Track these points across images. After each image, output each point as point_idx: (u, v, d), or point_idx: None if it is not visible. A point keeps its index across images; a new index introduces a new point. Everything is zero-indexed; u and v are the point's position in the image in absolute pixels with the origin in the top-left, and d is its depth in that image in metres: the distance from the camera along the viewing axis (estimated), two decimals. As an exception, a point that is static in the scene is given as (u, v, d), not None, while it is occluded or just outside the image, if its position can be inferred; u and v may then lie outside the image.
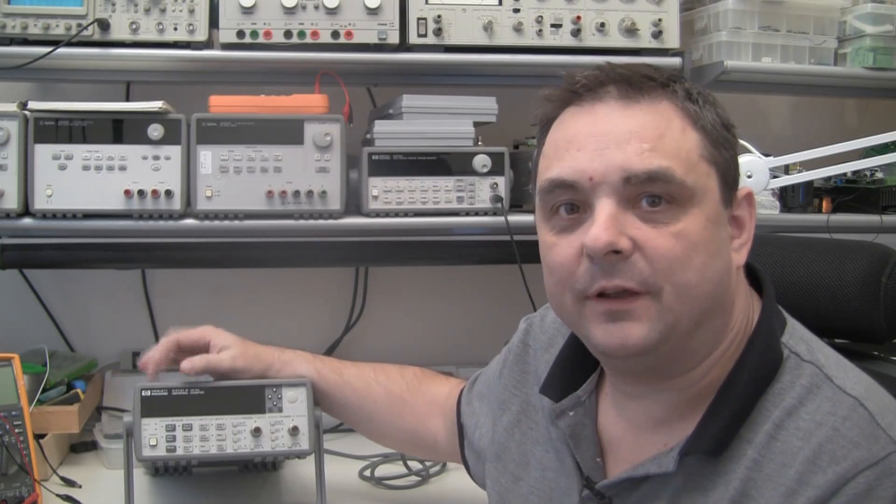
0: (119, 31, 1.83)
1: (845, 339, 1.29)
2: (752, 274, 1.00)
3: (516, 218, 1.93)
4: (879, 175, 2.14)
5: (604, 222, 0.87)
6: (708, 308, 0.90)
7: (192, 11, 1.85)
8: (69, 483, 1.72)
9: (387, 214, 1.93)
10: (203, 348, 1.52)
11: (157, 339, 2.21)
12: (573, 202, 0.91)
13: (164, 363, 1.49)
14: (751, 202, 0.96)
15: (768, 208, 2.05)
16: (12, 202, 1.77)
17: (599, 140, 0.89)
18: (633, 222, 0.88)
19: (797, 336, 0.95)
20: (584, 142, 0.90)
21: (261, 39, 1.86)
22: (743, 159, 1.71)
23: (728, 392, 0.91)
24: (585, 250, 0.88)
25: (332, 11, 1.88)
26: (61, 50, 1.80)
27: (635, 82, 0.92)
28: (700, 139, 0.91)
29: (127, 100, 2.12)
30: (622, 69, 0.93)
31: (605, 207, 0.87)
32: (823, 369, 0.91)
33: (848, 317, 1.22)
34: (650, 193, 0.87)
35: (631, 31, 1.97)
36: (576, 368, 1.05)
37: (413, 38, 1.92)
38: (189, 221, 1.85)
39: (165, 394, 1.54)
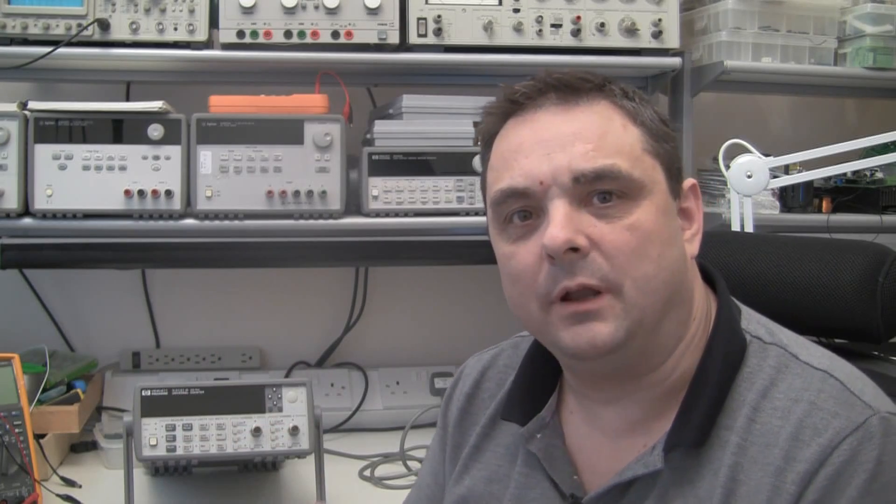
0: (119, 31, 1.83)
1: (843, 338, 1.29)
2: (703, 271, 1.01)
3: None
4: (879, 175, 2.15)
5: (560, 221, 0.88)
6: (669, 298, 0.91)
7: (192, 11, 1.85)
8: (69, 483, 1.72)
9: (387, 214, 1.93)
10: None
11: (157, 339, 2.24)
12: (526, 209, 0.92)
13: None
14: (696, 193, 0.99)
15: (768, 208, 2.05)
16: (12, 202, 1.77)
17: (545, 145, 0.91)
18: (587, 220, 0.89)
19: (755, 321, 0.97)
20: (530, 149, 0.92)
21: (261, 39, 1.86)
22: (743, 159, 1.71)
23: (701, 382, 0.92)
24: (545, 251, 0.89)
25: (332, 11, 1.88)
26: (61, 50, 1.80)
27: (573, 86, 0.94)
28: (641, 134, 0.93)
29: (127, 100, 2.12)
30: (558, 75, 0.95)
31: (559, 208, 0.89)
32: (788, 348, 0.93)
33: (845, 317, 1.22)
34: (600, 190, 0.90)
35: (631, 31, 1.97)
36: (535, 390, 1.04)
37: (413, 38, 1.92)
38: (189, 221, 1.85)
39: (165, 394, 1.54)
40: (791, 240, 1.36)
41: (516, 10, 1.95)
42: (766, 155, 1.74)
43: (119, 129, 1.81)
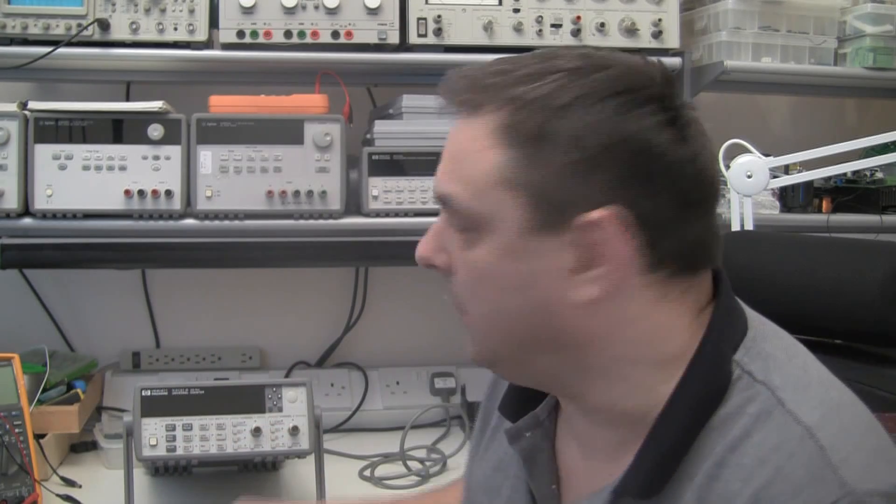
0: (119, 31, 1.83)
1: (866, 343, 1.24)
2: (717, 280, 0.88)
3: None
4: (879, 175, 2.15)
5: (426, 236, 0.86)
6: (520, 343, 0.82)
7: (192, 11, 1.85)
8: (69, 483, 1.72)
9: (387, 214, 1.93)
10: None
11: (157, 339, 2.24)
12: None
13: None
14: (615, 226, 0.77)
15: (768, 208, 2.05)
16: (12, 202, 1.77)
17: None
18: (457, 243, 0.83)
19: (755, 351, 0.81)
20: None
21: (261, 39, 1.86)
22: (743, 159, 1.71)
23: (663, 425, 0.79)
24: None
25: (332, 11, 1.88)
26: (61, 50, 1.79)
27: (475, 92, 0.82)
28: (507, 159, 0.78)
29: (127, 100, 2.12)
30: (464, 83, 0.82)
31: (436, 222, 0.86)
32: (777, 391, 0.77)
33: (868, 320, 1.17)
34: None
35: (631, 31, 1.97)
36: None
37: (413, 38, 1.92)
38: (189, 221, 1.85)
39: (165, 394, 1.54)
40: (813, 240, 1.33)
41: (516, 10, 1.95)
42: (766, 155, 1.74)
43: (119, 129, 1.81)
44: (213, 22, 1.87)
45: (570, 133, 0.76)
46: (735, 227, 1.72)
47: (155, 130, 1.80)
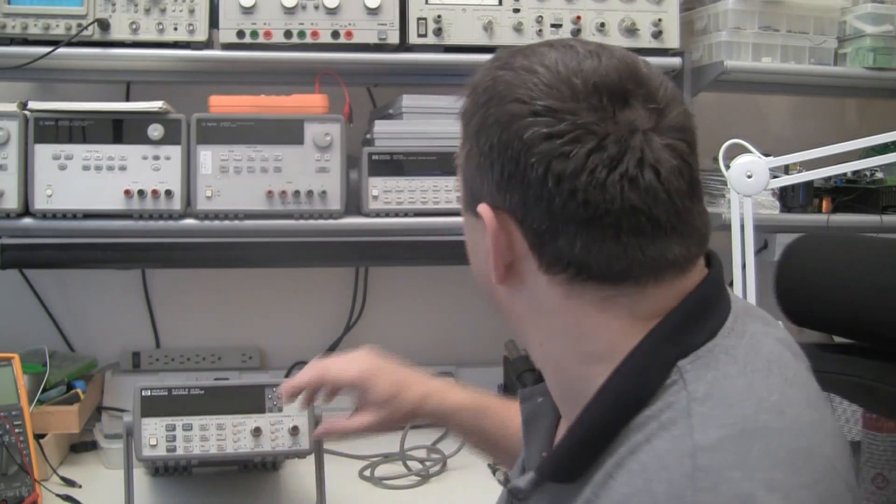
0: (119, 31, 1.83)
1: None
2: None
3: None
4: (879, 175, 2.15)
5: None
6: (488, 299, 0.90)
7: (192, 11, 1.85)
8: (69, 483, 1.72)
9: (387, 214, 1.93)
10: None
11: (157, 339, 2.24)
12: None
13: (309, 395, 1.37)
14: (490, 222, 0.82)
15: (768, 208, 2.05)
16: (12, 202, 1.77)
17: None
18: None
19: (705, 360, 0.77)
20: None
21: (261, 39, 1.86)
22: (743, 159, 1.71)
23: (583, 416, 0.79)
24: None
25: (332, 11, 1.88)
26: (61, 50, 1.79)
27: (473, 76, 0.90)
28: (461, 144, 0.88)
29: (127, 100, 2.12)
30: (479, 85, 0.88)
31: None
32: (692, 402, 0.73)
33: None
34: None
35: (631, 31, 1.97)
36: None
37: (413, 38, 1.92)
38: (189, 221, 1.85)
39: (165, 394, 1.54)
40: (882, 242, 1.26)
41: (516, 10, 1.95)
42: (766, 155, 1.74)
43: (119, 129, 1.81)
44: (213, 22, 1.87)
45: (475, 130, 0.83)
46: (735, 227, 1.72)
47: (155, 130, 1.80)
